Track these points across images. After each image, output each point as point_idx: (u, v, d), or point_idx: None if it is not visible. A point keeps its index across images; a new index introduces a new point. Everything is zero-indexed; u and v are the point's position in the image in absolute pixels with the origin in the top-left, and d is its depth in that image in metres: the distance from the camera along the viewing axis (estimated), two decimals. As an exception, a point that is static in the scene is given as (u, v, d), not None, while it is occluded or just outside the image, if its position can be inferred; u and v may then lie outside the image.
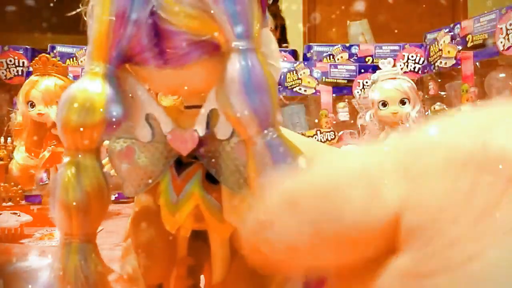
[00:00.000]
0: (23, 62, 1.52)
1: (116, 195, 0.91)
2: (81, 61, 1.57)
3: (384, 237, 0.12)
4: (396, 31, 1.69)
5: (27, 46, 1.54)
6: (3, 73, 1.51)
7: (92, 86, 0.24)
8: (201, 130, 0.26)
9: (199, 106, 0.27)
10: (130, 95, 0.26)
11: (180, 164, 0.28)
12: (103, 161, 0.26)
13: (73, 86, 0.24)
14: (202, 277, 0.33)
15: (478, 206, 0.10)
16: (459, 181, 0.10)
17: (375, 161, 0.12)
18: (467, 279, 0.09)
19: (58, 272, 0.25)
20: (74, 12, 0.26)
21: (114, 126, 0.25)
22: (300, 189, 0.13)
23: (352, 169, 0.13)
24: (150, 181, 0.28)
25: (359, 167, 0.13)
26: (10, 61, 1.52)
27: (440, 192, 0.11)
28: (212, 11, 0.23)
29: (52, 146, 1.12)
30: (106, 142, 0.27)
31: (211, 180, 0.28)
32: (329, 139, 1.49)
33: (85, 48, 0.24)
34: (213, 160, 0.27)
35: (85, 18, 0.25)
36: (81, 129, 0.24)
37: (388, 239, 0.12)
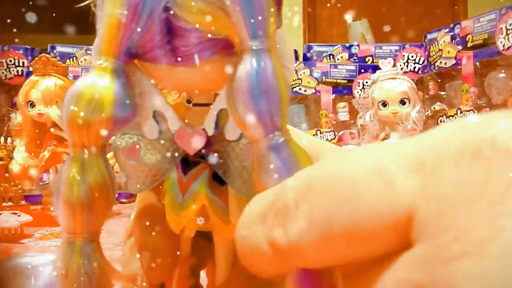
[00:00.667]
0: (23, 62, 1.52)
1: (116, 195, 0.91)
2: (81, 61, 1.57)
3: (397, 232, 0.12)
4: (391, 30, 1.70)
5: (27, 46, 1.54)
6: (3, 73, 1.51)
7: (100, 81, 0.23)
8: (209, 130, 0.26)
9: (208, 104, 0.26)
10: (139, 91, 0.25)
11: (187, 163, 0.28)
12: (107, 156, 0.25)
13: (80, 81, 0.24)
14: (202, 275, 0.33)
15: (490, 195, 0.11)
16: (471, 173, 0.11)
17: (389, 156, 0.13)
18: (488, 259, 0.10)
19: (60, 271, 0.25)
20: (82, 4, 0.26)
21: (122, 123, 0.24)
22: (314, 179, 0.13)
23: (366, 163, 0.13)
24: (155, 179, 0.28)
25: (373, 161, 0.13)
26: (10, 61, 1.52)
27: (454, 183, 0.11)
28: (227, 9, 0.22)
29: (52, 146, 1.12)
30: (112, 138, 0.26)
31: (217, 181, 0.28)
32: (329, 139, 1.49)
33: (85, 48, 0.24)
34: (221, 160, 0.27)
35: (93, 10, 0.25)
36: (88, 125, 0.23)
37: (402, 234, 0.12)
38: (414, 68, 1.62)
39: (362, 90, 1.52)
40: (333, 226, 0.12)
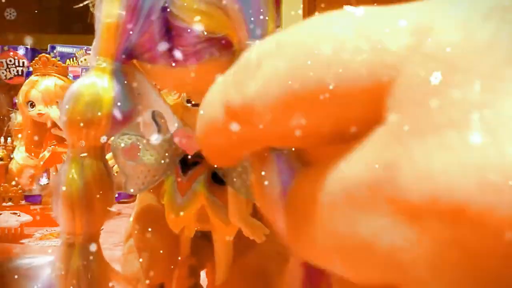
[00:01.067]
0: (23, 62, 1.52)
1: (116, 195, 0.91)
2: (81, 61, 1.57)
3: (374, 99, 0.10)
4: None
5: (27, 46, 1.54)
6: (3, 73, 1.52)
7: (99, 82, 0.23)
8: None
9: None
10: (137, 92, 0.25)
11: (186, 163, 0.28)
12: (107, 156, 0.25)
13: (79, 82, 0.24)
14: (202, 275, 0.33)
15: (497, 55, 0.09)
16: (479, 31, 0.09)
17: (382, 18, 0.10)
18: (476, 127, 0.08)
19: (59, 272, 0.24)
20: (81, 5, 0.26)
21: (121, 124, 0.24)
22: (287, 36, 0.11)
23: (354, 24, 0.11)
24: (154, 179, 0.28)
25: (362, 23, 0.11)
26: (10, 61, 1.52)
27: (456, 42, 0.09)
28: (226, 8, 0.22)
29: (52, 146, 1.12)
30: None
31: (216, 181, 0.28)
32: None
33: (85, 48, 0.24)
34: None
35: (92, 10, 0.25)
36: (87, 126, 0.23)
37: (380, 102, 0.10)
38: (414, 68, 1.62)
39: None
40: (295, 86, 0.10)
